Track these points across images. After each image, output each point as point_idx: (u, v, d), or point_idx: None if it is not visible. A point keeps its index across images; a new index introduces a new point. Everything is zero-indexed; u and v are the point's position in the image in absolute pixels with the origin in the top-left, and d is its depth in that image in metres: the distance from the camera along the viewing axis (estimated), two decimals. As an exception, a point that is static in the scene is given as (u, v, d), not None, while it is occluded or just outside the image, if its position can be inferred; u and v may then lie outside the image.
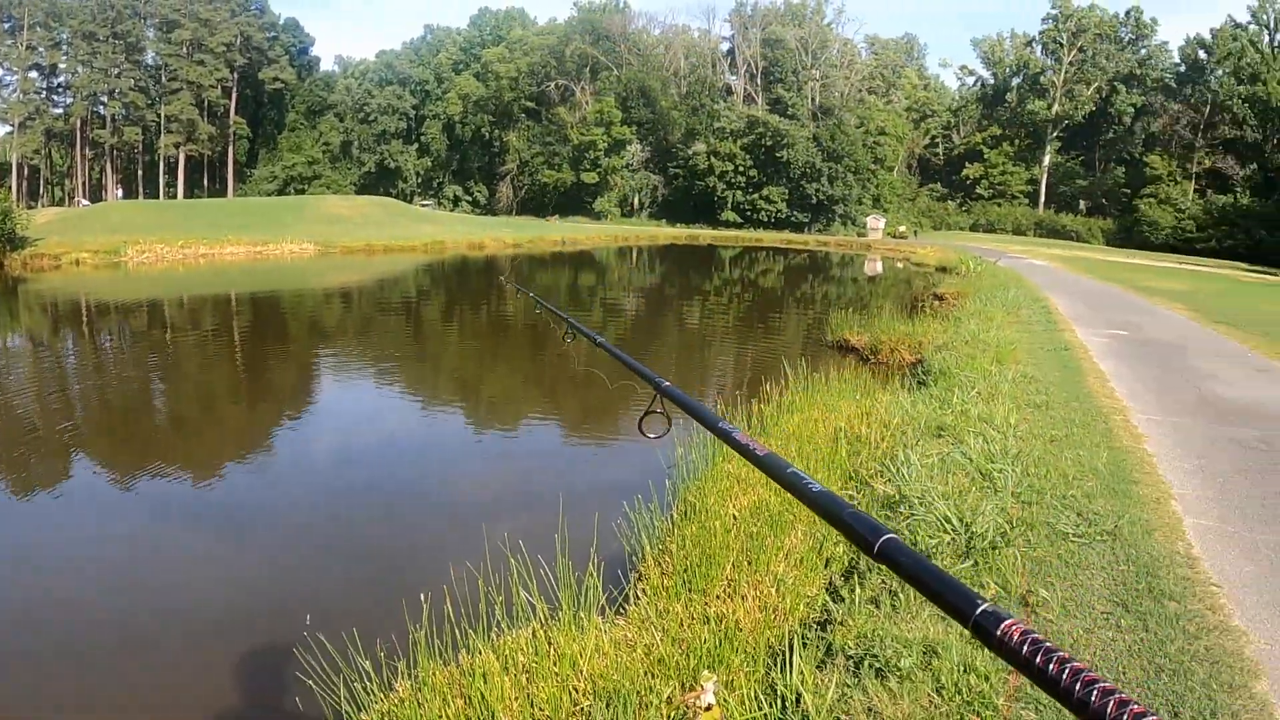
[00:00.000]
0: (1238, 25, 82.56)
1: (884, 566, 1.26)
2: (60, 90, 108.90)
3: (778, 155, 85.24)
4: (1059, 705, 0.89)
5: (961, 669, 4.85)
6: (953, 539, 6.61)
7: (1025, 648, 0.96)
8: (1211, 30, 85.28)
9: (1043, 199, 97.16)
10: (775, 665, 5.29)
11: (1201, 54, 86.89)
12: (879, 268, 55.32)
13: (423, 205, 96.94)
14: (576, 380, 19.13)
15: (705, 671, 4.93)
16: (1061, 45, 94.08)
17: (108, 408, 16.72)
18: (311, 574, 8.93)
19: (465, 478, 12.62)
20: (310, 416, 16.42)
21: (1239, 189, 79.90)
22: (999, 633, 0.99)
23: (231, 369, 20.84)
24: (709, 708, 4.52)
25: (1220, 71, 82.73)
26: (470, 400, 18.26)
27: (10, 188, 74.15)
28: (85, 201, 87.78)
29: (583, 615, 5.91)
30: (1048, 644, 0.94)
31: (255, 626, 7.70)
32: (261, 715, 6.48)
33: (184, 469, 12.34)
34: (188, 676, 6.97)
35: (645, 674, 5.26)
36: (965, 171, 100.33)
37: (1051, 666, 0.91)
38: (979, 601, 1.05)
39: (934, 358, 15.64)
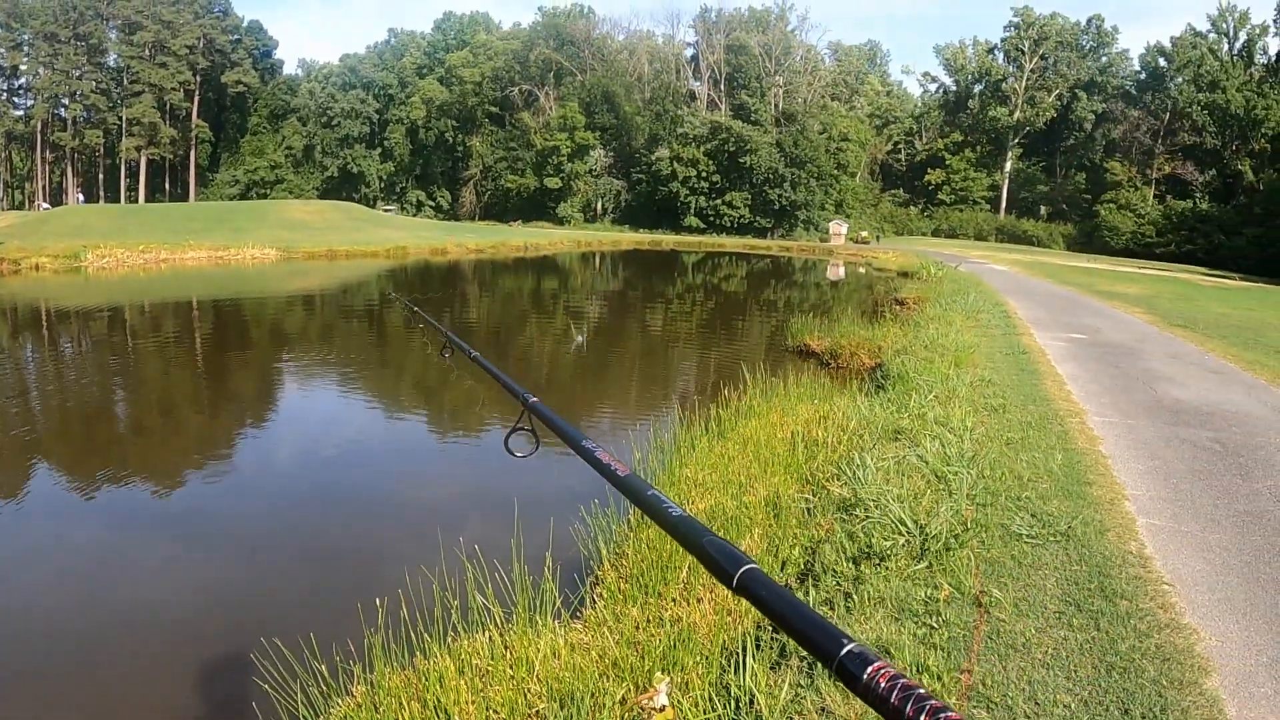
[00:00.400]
0: (1197, 34, 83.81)
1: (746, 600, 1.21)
2: (21, 92, 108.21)
3: (741, 161, 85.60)
4: None
5: (914, 669, 4.90)
6: (907, 541, 6.67)
7: (895, 695, 0.89)
8: (1171, 38, 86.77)
9: (1004, 205, 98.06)
10: (730, 667, 5.32)
11: (1162, 61, 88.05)
12: (841, 273, 55.61)
13: (385, 210, 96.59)
14: (536, 387, 19.10)
15: (658, 673, 4.96)
16: (1023, 53, 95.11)
17: (67, 415, 16.57)
18: (269, 581, 8.89)
19: (424, 484, 12.60)
20: (270, 423, 16.34)
21: (1198, 194, 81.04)
22: (865, 677, 0.93)
23: (193, 375, 20.71)
24: (662, 709, 4.54)
25: (1180, 79, 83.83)
26: (430, 406, 18.22)
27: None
28: (45, 205, 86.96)
29: (538, 619, 5.94)
30: (920, 690, 0.88)
31: (213, 634, 7.66)
32: (218, 721, 6.44)
33: (144, 477, 12.28)
34: (146, 685, 6.94)
35: (600, 676, 5.28)
36: (927, 177, 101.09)
37: (923, 717, 0.84)
38: (844, 641, 0.98)
39: (893, 362, 15.73)
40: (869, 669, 0.92)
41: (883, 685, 0.90)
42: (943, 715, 0.83)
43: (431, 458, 14.08)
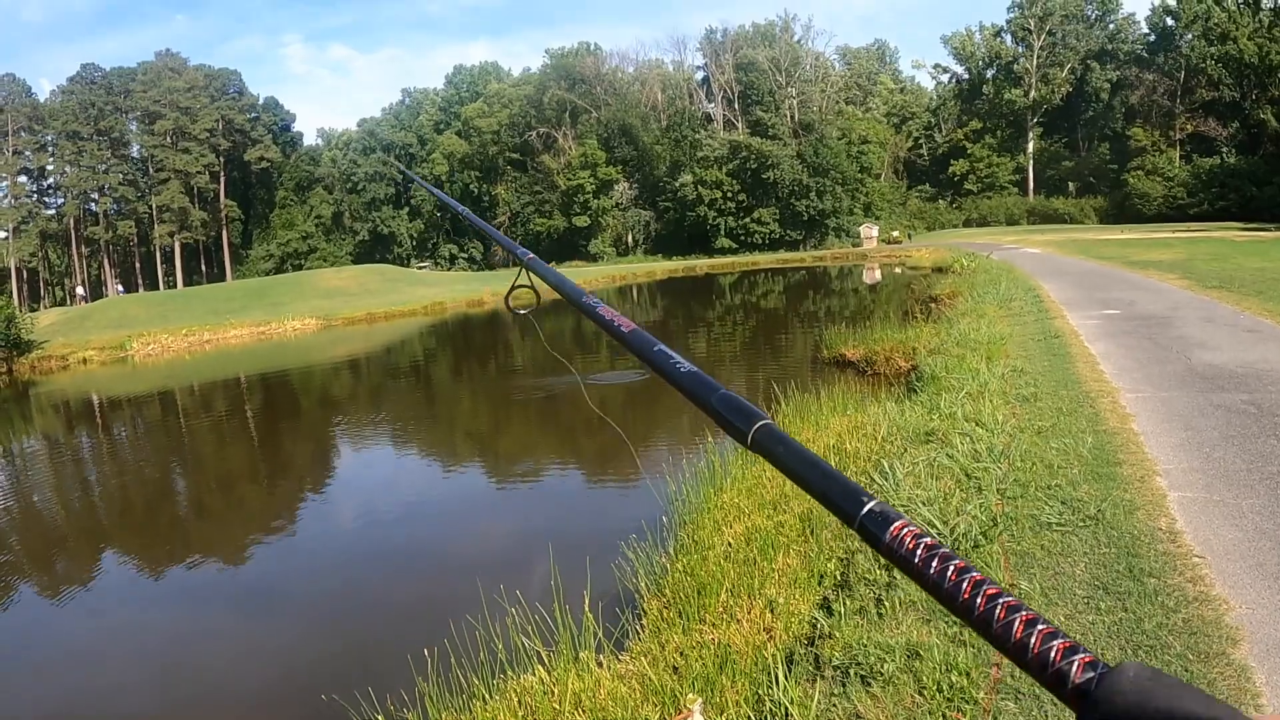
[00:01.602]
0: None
1: (760, 457, 1.15)
2: (51, 191, 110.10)
3: (764, 177, 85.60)
4: (977, 635, 0.84)
5: (944, 668, 5.05)
6: (931, 530, 6.79)
7: (919, 553, 0.87)
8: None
9: (1031, 186, 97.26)
10: (765, 683, 5.49)
11: (1169, 21, 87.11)
12: (878, 275, 55.48)
13: (420, 268, 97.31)
14: (577, 429, 19.37)
15: (690, 694, 5.14)
16: (1030, 31, 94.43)
17: (129, 500, 17.07)
18: (324, 641, 9.30)
19: (476, 534, 12.89)
20: (321, 490, 16.71)
21: (1224, 149, 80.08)
22: (888, 537, 0.90)
23: (245, 450, 21.17)
24: (697, 729, 4.73)
25: (1190, 35, 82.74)
26: (477, 455, 18.52)
27: (11, 292, 74.75)
28: (81, 290, 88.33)
29: (583, 654, 6.15)
30: (944, 549, 0.87)
31: (277, 697, 8.01)
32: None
33: (205, 553, 12.76)
34: None
35: (641, 702, 5.48)
36: (951, 169, 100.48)
37: (949, 575, 0.83)
38: (865, 500, 0.95)
39: (926, 363, 15.82)
40: (891, 528, 0.90)
41: (907, 544, 0.88)
42: (968, 575, 0.82)
43: (482, 506, 14.37)
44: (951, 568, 0.83)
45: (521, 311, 2.42)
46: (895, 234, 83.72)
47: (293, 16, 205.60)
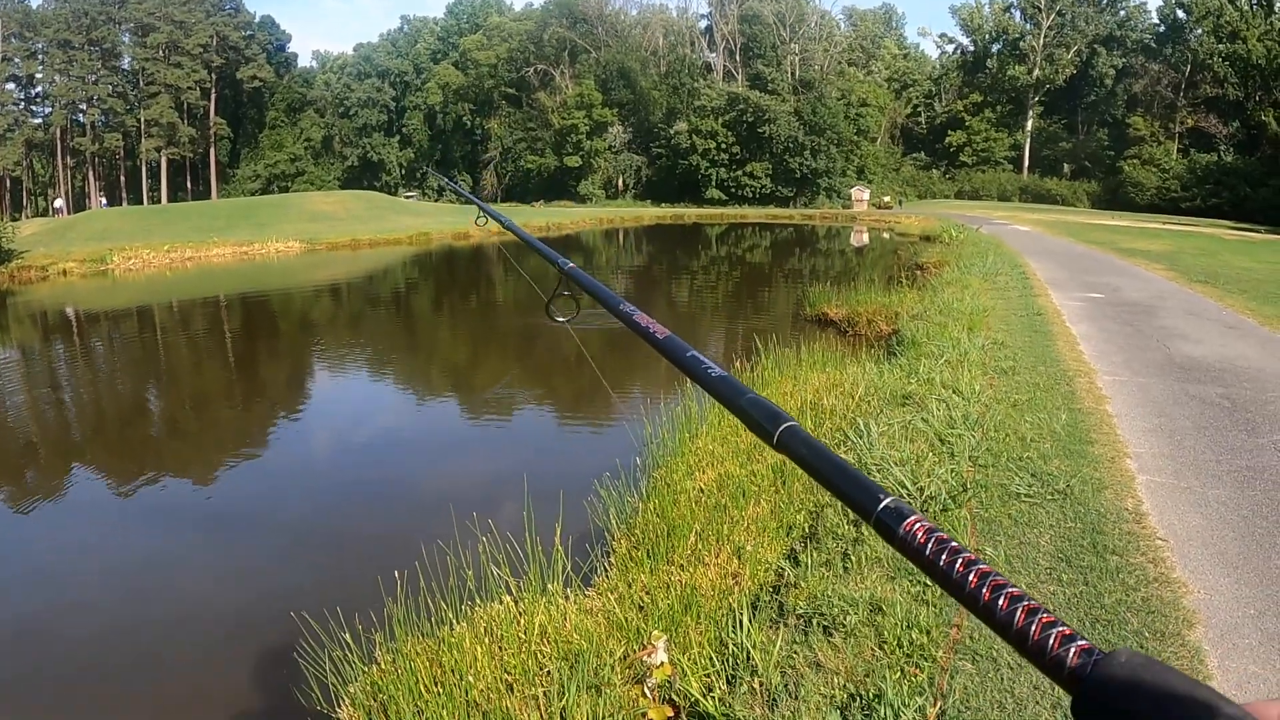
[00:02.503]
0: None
1: (787, 459, 1.21)
2: (38, 100, 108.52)
3: (760, 131, 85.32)
4: (982, 624, 0.87)
5: (905, 624, 5.13)
6: (908, 503, 6.86)
7: (930, 547, 0.92)
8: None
9: (1026, 164, 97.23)
10: (729, 626, 5.57)
11: (1180, 14, 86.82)
12: (865, 239, 55.49)
13: (407, 197, 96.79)
14: (557, 368, 19.43)
15: (655, 631, 5.22)
16: (1040, 9, 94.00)
17: (102, 415, 17.03)
18: (297, 563, 9.37)
19: (450, 465, 12.96)
20: (298, 414, 16.71)
21: (1222, 147, 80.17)
22: (902, 530, 0.96)
23: (222, 370, 21.12)
24: (660, 664, 4.80)
25: (1199, 30, 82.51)
26: (454, 388, 18.56)
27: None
28: (60, 202, 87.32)
29: (551, 586, 6.24)
30: (954, 543, 0.92)
31: (246, 616, 8.11)
32: (258, 696, 6.80)
33: (176, 473, 12.78)
34: (187, 666, 7.36)
35: (606, 638, 5.57)
36: (948, 139, 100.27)
37: (957, 567, 0.88)
38: (881, 497, 1.00)
39: (908, 327, 15.89)
40: (905, 523, 0.96)
41: (919, 538, 0.94)
42: (975, 567, 0.87)
43: (459, 440, 14.42)
44: (960, 560, 0.88)
45: (561, 320, 2.53)
46: (886, 199, 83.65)
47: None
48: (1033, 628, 0.79)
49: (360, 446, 14.08)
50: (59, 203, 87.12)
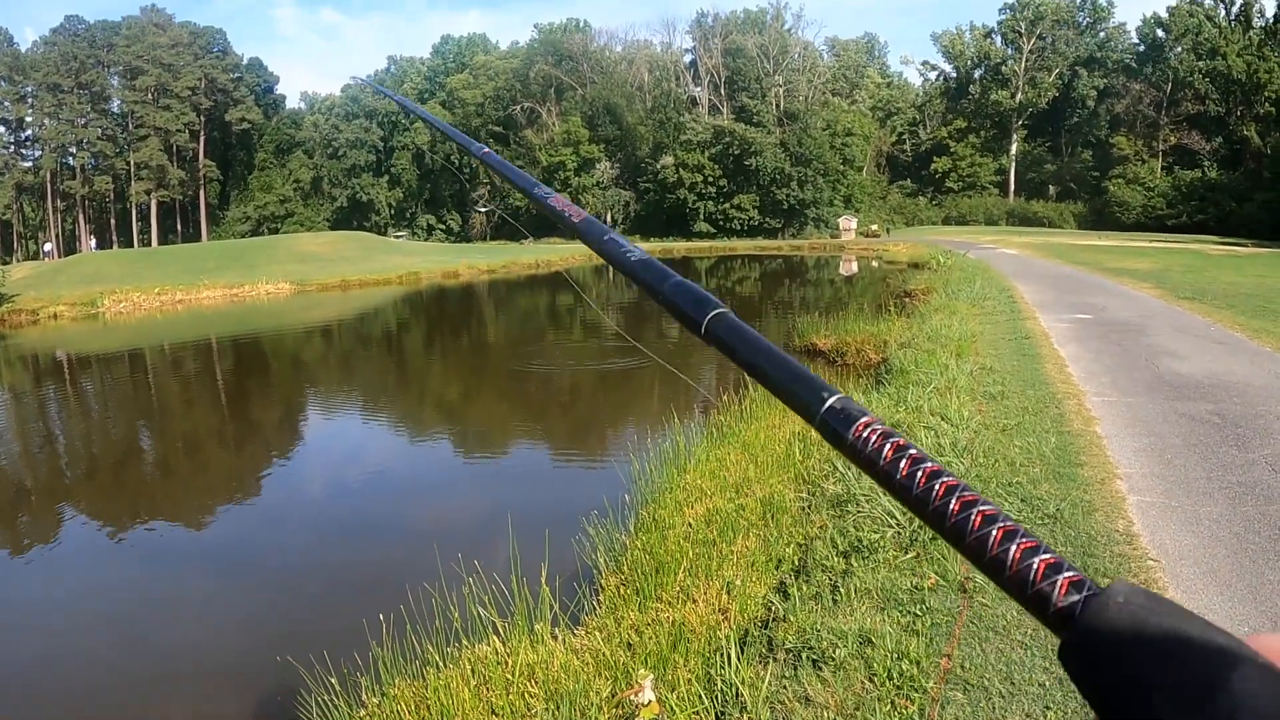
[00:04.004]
0: (1193, 1, 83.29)
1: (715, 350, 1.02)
2: (28, 143, 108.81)
3: (746, 163, 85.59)
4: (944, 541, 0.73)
5: (895, 656, 5.10)
6: (896, 532, 6.86)
7: (885, 453, 0.77)
8: (1168, 8, 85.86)
9: (1012, 188, 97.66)
10: (717, 663, 5.53)
11: (1160, 32, 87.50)
12: (854, 268, 55.63)
13: (397, 237, 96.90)
14: (546, 407, 19.44)
15: (642, 670, 5.18)
16: (1020, 34, 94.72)
17: (95, 458, 17.02)
18: (281, 605, 9.33)
19: (437, 504, 12.93)
20: (287, 457, 16.71)
21: (1206, 163, 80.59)
22: (851, 435, 0.80)
23: (214, 412, 21.11)
24: (648, 703, 4.75)
25: (1179, 48, 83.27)
26: (446, 427, 18.53)
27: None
28: (50, 246, 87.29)
29: (538, 626, 6.20)
30: (914, 449, 0.77)
31: (232, 658, 8.09)
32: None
33: (167, 515, 12.80)
34: (176, 712, 7.31)
35: (594, 676, 5.52)
36: (934, 166, 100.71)
37: (919, 479, 0.74)
38: (826, 395, 0.85)
39: (896, 355, 15.90)
40: (856, 425, 0.80)
41: (872, 442, 0.78)
42: (941, 479, 0.72)
43: (450, 479, 14.42)
44: (922, 471, 0.74)
45: (483, 210, 2.28)
46: (874, 227, 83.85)
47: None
48: (1011, 553, 0.66)
49: (349, 487, 14.05)
50: (49, 246, 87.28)
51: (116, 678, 7.92)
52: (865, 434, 0.80)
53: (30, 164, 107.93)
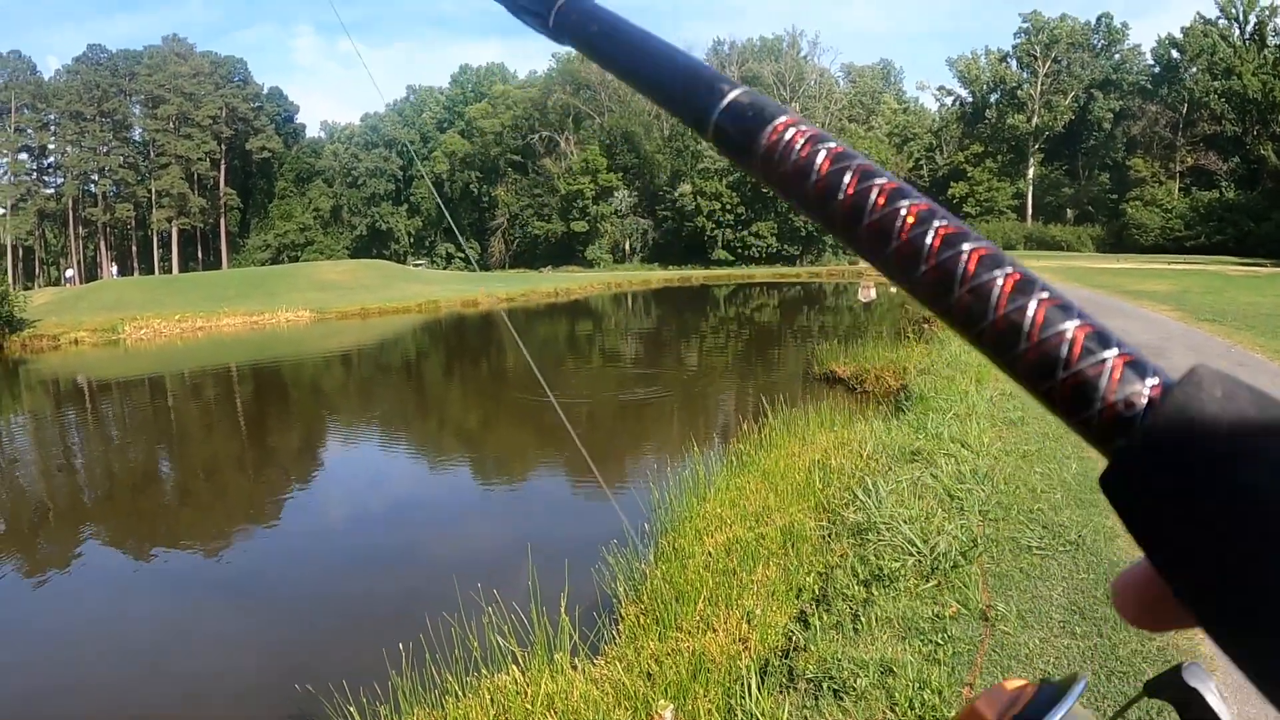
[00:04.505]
0: (1208, 21, 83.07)
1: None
2: (51, 170, 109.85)
3: (764, 190, 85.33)
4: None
5: (916, 685, 5.07)
6: (917, 561, 6.84)
7: (819, 165, 0.51)
8: (1182, 29, 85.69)
9: (1030, 212, 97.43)
10: (737, 692, 5.51)
11: (1174, 53, 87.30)
12: (873, 294, 55.37)
13: (416, 265, 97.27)
14: (564, 436, 19.40)
15: (662, 700, 5.16)
16: (1035, 58, 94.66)
17: (114, 485, 17.09)
18: (305, 634, 9.26)
19: (457, 533, 12.93)
20: (307, 483, 16.75)
21: (1223, 184, 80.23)
22: (763, 144, 0.53)
23: (234, 439, 21.18)
24: (668, 735, 4.75)
25: (1194, 69, 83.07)
26: (466, 459, 18.56)
27: (6, 270, 74.54)
28: (71, 272, 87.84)
29: (557, 656, 6.19)
30: (861, 160, 0.51)
31: (254, 691, 8.07)
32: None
33: (187, 541, 12.83)
34: None
35: (614, 706, 5.51)
36: (951, 191, 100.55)
37: (874, 200, 0.48)
38: (725, 88, 0.57)
39: (916, 382, 15.87)
40: (769, 129, 0.54)
41: (797, 149, 0.52)
42: (905, 204, 0.48)
43: (471, 508, 14.42)
44: (877, 189, 0.49)
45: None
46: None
47: (305, 6, 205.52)
48: (1029, 315, 0.42)
49: (368, 516, 14.09)
50: (70, 272, 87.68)
51: (135, 705, 7.92)
52: (786, 138, 0.53)
53: (53, 191, 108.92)
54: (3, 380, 34.13)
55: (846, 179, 0.50)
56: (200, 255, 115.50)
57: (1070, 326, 0.42)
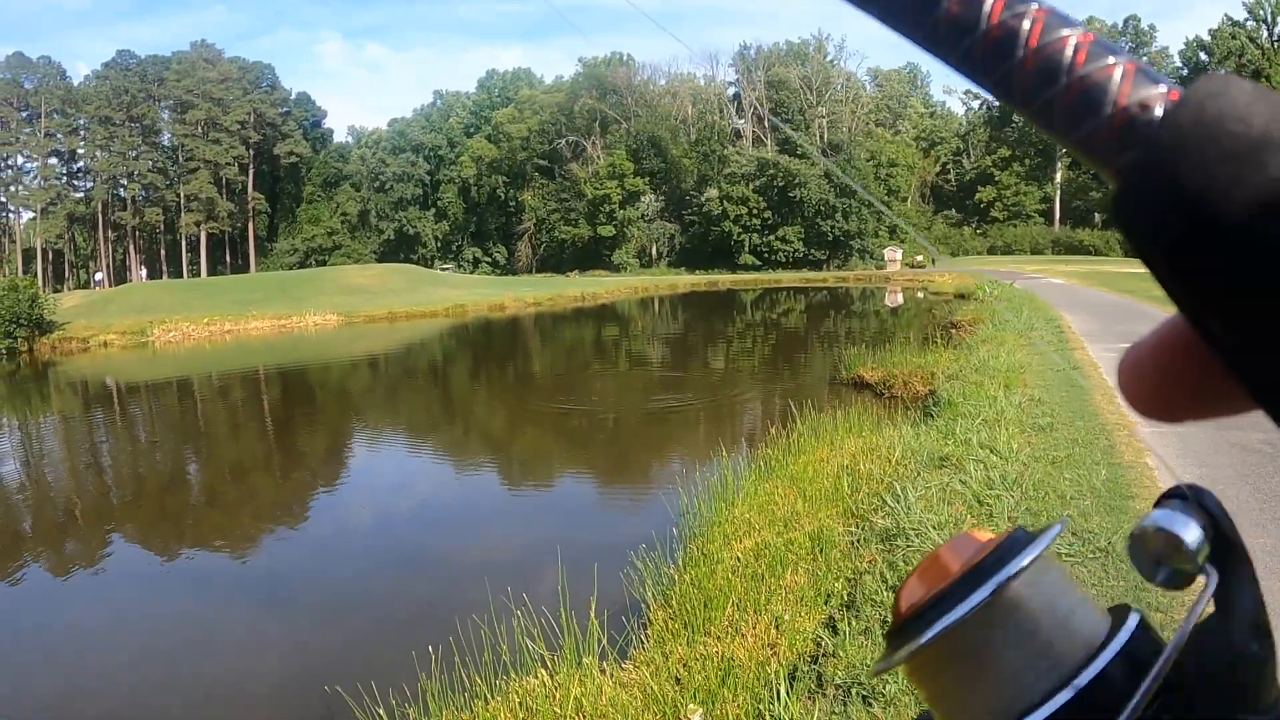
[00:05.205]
0: (1235, 24, 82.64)
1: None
2: (80, 175, 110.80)
3: (790, 195, 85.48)
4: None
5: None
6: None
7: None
8: (1210, 31, 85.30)
9: (1058, 216, 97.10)
10: (766, 698, 5.51)
11: (1203, 56, 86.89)
12: (900, 299, 55.30)
13: (443, 269, 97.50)
14: (595, 439, 19.46)
15: (691, 705, 5.17)
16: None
17: (142, 485, 17.21)
18: (333, 635, 9.28)
19: (485, 537, 12.96)
20: (335, 487, 16.81)
21: (1252, 187, 79.64)
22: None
23: (261, 442, 21.31)
24: (697, 739, 4.75)
25: (1223, 71, 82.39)
26: (493, 463, 18.59)
27: (36, 273, 75.16)
28: (100, 275, 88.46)
29: (586, 660, 6.20)
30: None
31: (282, 691, 8.11)
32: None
33: (215, 542, 12.94)
34: None
35: (642, 711, 5.51)
36: (978, 195, 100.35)
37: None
38: None
39: (944, 388, 15.82)
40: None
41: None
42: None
43: (499, 512, 14.43)
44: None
45: None
46: (919, 258, 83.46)
47: (331, 13, 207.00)
48: (1027, 23, 0.39)
49: (396, 517, 14.14)
50: (99, 275, 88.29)
51: (161, 705, 7.97)
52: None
53: (82, 195, 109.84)
54: (33, 382, 34.46)
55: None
56: (228, 259, 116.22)
57: (1072, 33, 0.39)
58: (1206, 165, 0.32)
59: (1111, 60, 0.38)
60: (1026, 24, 0.39)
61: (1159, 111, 0.36)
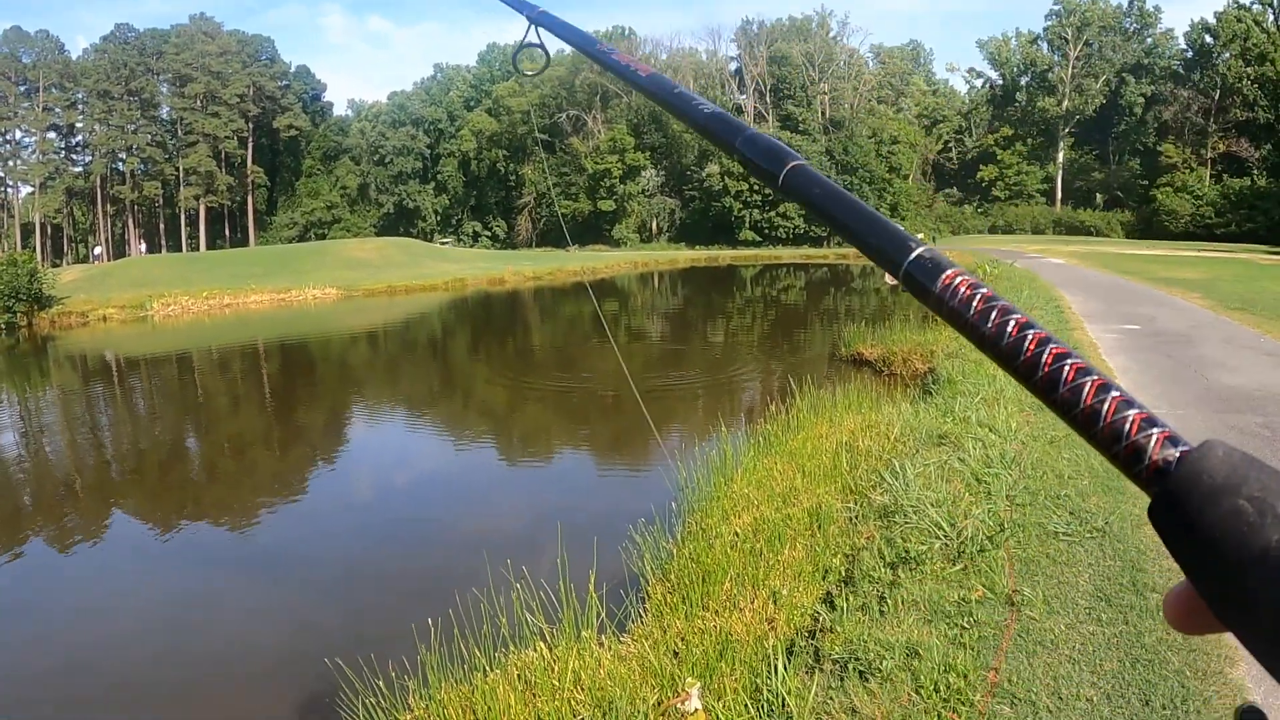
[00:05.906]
0: (1241, 6, 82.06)
1: (795, 204, 1.02)
2: (79, 149, 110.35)
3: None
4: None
5: (942, 669, 5.09)
6: (944, 544, 6.84)
7: (974, 305, 0.75)
8: (1216, 14, 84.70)
9: (1059, 196, 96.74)
10: (764, 672, 5.55)
11: (1208, 38, 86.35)
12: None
13: (443, 243, 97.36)
14: (594, 414, 19.47)
15: (689, 678, 5.20)
16: (1067, 40, 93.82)
17: (142, 459, 17.23)
18: (331, 608, 9.37)
19: (485, 510, 12.99)
20: (335, 459, 16.86)
21: (1255, 171, 79.38)
22: (938, 286, 0.79)
23: (261, 415, 21.35)
24: (694, 712, 4.78)
25: (1227, 54, 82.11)
26: (493, 437, 18.61)
27: (35, 247, 75.01)
28: (99, 249, 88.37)
29: (585, 633, 6.24)
30: (1003, 302, 0.75)
31: (282, 663, 8.16)
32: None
33: (215, 515, 12.96)
34: (223, 710, 7.42)
35: (640, 684, 5.55)
36: (980, 174, 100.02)
37: (1009, 331, 0.72)
38: (913, 245, 0.84)
39: (944, 365, 15.83)
40: (943, 275, 0.79)
41: (961, 293, 0.77)
42: (1031, 330, 0.71)
43: (497, 486, 14.47)
44: (1013, 322, 0.72)
45: (530, 74, 2.34)
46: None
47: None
48: (1105, 406, 0.64)
49: (396, 491, 14.19)
50: (99, 250, 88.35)
51: (162, 678, 8.02)
52: (954, 284, 0.78)
53: (81, 169, 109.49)
54: (33, 356, 34.45)
55: (992, 315, 0.73)
56: (227, 233, 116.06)
57: (1131, 414, 0.62)
58: (1191, 506, 0.55)
59: (1152, 432, 0.62)
60: (1105, 408, 0.64)
61: (1173, 464, 0.59)
